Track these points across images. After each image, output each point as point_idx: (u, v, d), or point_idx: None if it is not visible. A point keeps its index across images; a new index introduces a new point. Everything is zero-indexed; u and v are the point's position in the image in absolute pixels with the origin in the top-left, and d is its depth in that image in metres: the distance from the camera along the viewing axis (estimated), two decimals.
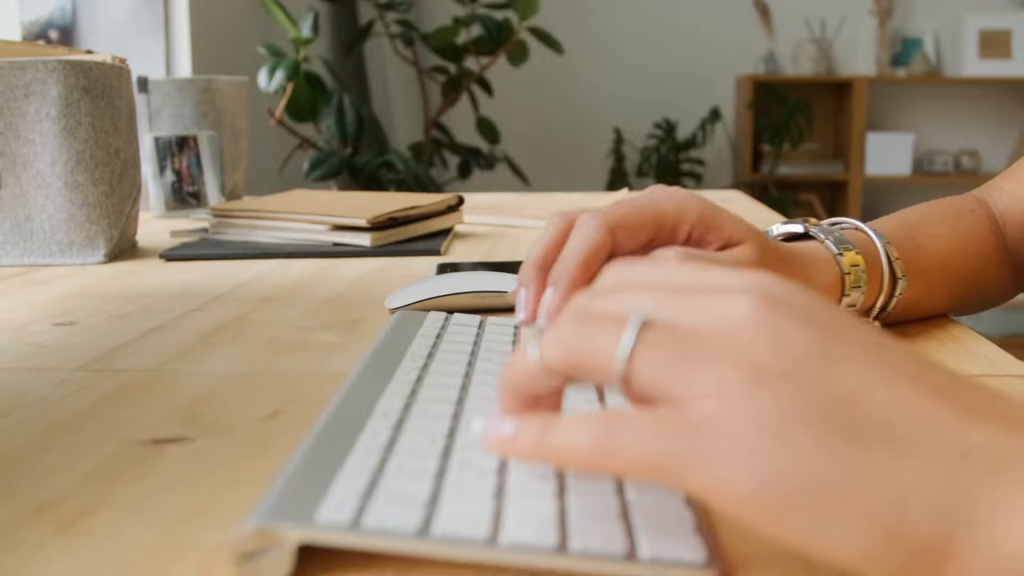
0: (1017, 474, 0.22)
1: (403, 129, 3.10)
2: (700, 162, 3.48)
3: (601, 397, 0.38)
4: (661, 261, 0.30)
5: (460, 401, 0.37)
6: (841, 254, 0.50)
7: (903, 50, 3.60)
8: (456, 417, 0.35)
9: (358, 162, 2.02)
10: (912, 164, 3.52)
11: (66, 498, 0.33)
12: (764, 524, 0.23)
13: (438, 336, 0.47)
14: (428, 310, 0.55)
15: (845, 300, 0.50)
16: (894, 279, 0.52)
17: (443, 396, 0.37)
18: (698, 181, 3.47)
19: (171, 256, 0.87)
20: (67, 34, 1.94)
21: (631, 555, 0.26)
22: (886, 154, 3.51)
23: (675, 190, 0.47)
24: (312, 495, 0.27)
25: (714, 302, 0.25)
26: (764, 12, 3.59)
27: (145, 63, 1.86)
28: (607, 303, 0.27)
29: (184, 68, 1.94)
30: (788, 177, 3.52)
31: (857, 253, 0.51)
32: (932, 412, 0.23)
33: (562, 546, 0.26)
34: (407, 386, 0.38)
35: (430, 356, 0.43)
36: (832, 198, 3.66)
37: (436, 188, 2.18)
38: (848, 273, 0.50)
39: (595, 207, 0.45)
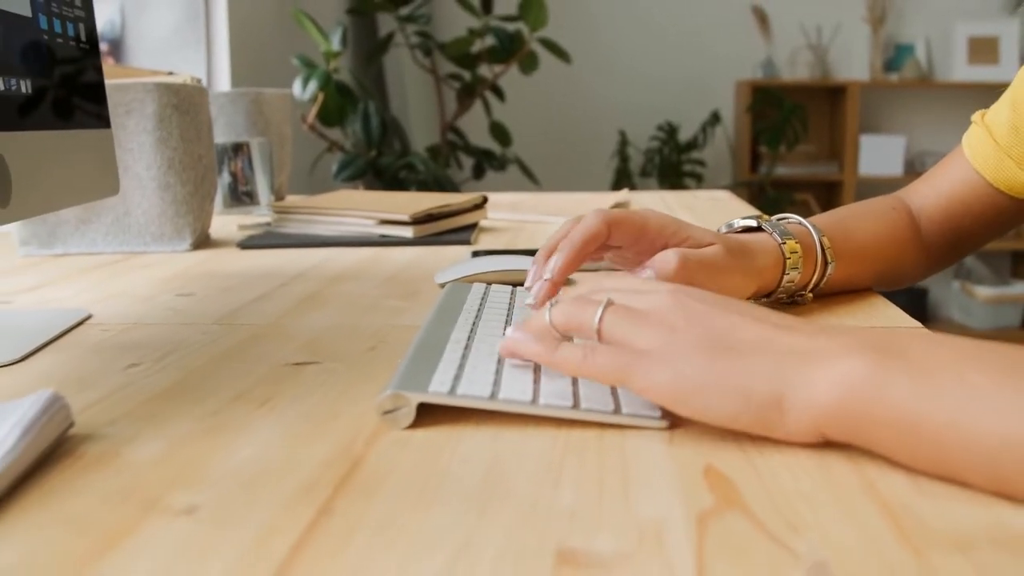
0: (816, 360, 0.40)
1: (420, 132, 3.27)
2: (701, 163, 3.65)
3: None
4: (622, 278, 0.50)
5: (503, 336, 0.54)
6: (784, 243, 0.66)
7: (895, 56, 3.76)
8: None
9: (382, 164, 2.20)
10: (904, 165, 3.69)
11: (251, 392, 0.50)
12: (676, 406, 0.41)
13: (482, 299, 0.65)
14: (471, 283, 0.72)
15: (785, 277, 0.67)
16: (825, 263, 0.68)
17: (493, 332, 0.55)
18: (699, 181, 3.64)
19: (247, 245, 1.05)
20: (116, 47, 2.12)
21: (617, 411, 0.43)
22: (879, 155, 3.68)
23: (659, 212, 0.64)
24: (423, 378, 0.45)
25: (648, 295, 0.45)
26: (762, 20, 3.76)
27: (188, 73, 2.04)
28: (591, 294, 0.47)
29: (223, 77, 2.12)
30: (785, 177, 3.69)
31: (796, 242, 0.67)
32: (769, 336, 0.41)
33: (575, 405, 0.43)
34: (467, 327, 0.56)
35: (479, 311, 0.61)
36: (827, 197, 3.82)
37: (453, 188, 2.35)
38: (788, 258, 0.66)
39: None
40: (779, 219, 0.70)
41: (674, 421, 0.44)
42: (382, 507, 0.35)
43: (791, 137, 3.54)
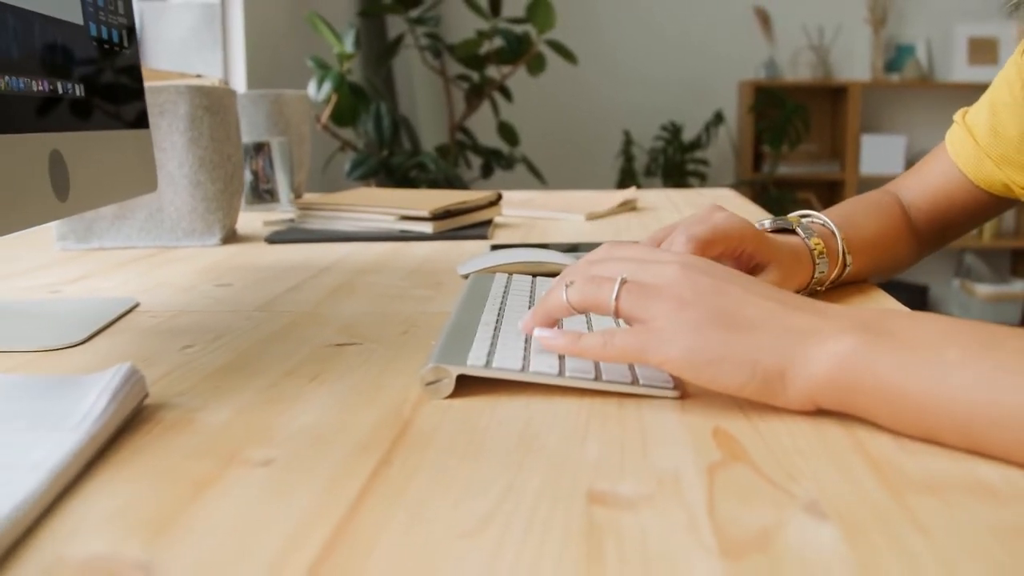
0: (814, 338, 0.44)
1: (429, 132, 3.33)
2: (704, 162, 3.70)
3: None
4: (632, 246, 0.54)
5: (525, 317, 0.60)
6: (813, 248, 0.71)
7: (896, 56, 3.81)
8: None
9: (393, 163, 2.25)
10: (905, 164, 3.73)
11: (300, 368, 0.56)
12: (689, 376, 0.46)
13: (506, 287, 0.70)
14: (493, 273, 0.77)
15: (813, 280, 0.71)
16: (844, 263, 0.73)
17: (518, 316, 0.60)
18: (702, 180, 3.69)
19: (274, 239, 1.10)
20: None
21: (634, 382, 0.49)
22: (880, 154, 3.73)
23: (733, 215, 0.67)
24: (461, 353, 0.50)
25: (659, 268, 0.49)
26: (765, 21, 3.81)
27: (204, 74, 2.09)
28: (603, 270, 0.51)
29: (240, 79, 2.17)
30: (787, 176, 3.74)
31: (823, 245, 0.71)
32: (774, 311, 0.46)
33: (597, 377, 0.49)
34: (495, 310, 0.61)
35: (504, 297, 0.66)
36: (828, 196, 3.87)
37: (462, 186, 2.40)
38: (817, 263, 0.71)
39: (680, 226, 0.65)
40: (801, 215, 0.75)
41: (684, 392, 0.49)
42: (434, 459, 0.40)
43: (793, 137, 3.60)
